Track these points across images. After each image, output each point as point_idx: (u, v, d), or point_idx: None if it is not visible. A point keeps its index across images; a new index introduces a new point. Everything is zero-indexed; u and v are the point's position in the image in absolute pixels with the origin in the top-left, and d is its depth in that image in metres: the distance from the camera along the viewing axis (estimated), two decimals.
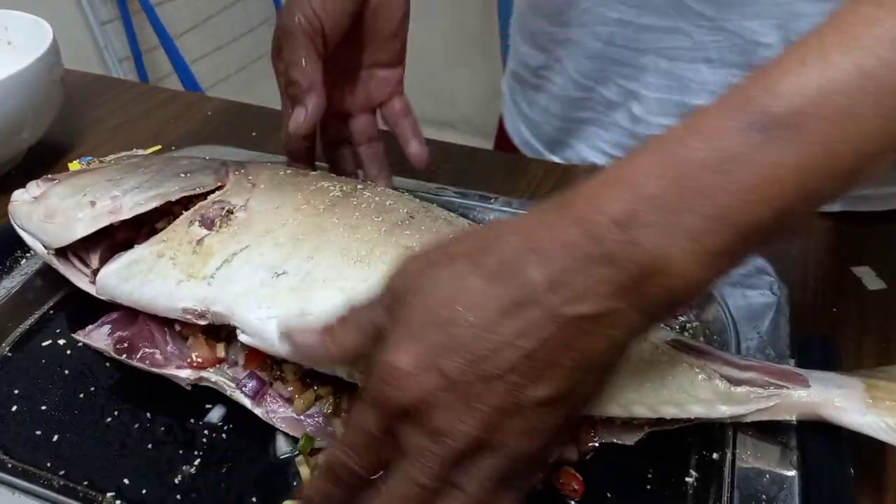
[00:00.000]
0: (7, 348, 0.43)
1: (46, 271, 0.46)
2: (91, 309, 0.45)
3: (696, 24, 0.51)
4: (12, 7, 0.66)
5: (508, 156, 0.64)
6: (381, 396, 0.26)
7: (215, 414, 0.39)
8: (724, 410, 0.34)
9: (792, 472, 0.33)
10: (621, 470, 0.36)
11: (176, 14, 1.65)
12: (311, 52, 0.43)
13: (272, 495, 0.35)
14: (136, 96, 0.73)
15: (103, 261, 0.41)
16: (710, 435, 0.36)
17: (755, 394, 0.34)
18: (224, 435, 0.38)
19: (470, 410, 0.25)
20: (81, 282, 0.42)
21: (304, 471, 0.35)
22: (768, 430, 0.35)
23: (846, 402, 0.33)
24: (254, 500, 0.35)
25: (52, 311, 0.46)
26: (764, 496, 0.33)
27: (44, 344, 0.43)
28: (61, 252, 0.42)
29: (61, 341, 0.43)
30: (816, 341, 0.39)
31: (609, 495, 0.35)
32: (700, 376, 0.35)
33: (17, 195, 0.43)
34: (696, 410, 0.34)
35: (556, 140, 0.63)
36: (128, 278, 0.39)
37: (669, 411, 0.35)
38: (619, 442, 0.36)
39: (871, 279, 0.48)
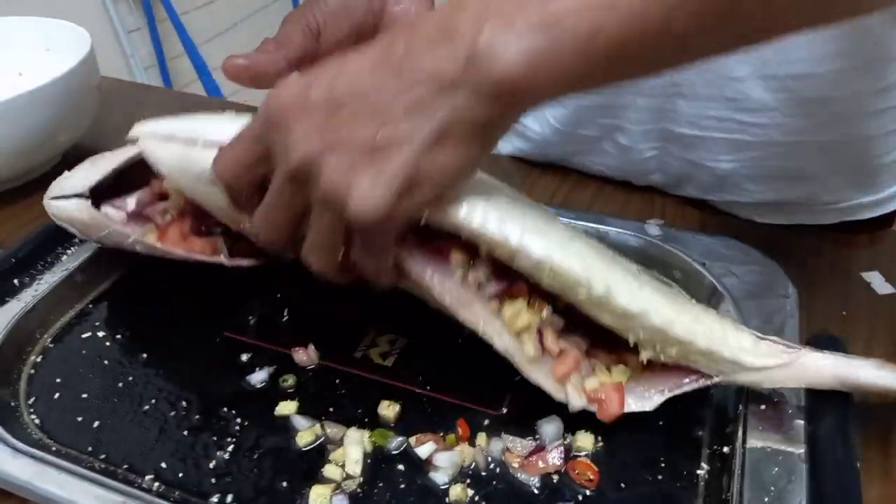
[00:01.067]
0: (49, 339, 0.45)
1: (86, 267, 0.49)
2: (129, 302, 0.47)
3: None
4: (43, 14, 0.69)
5: (525, 164, 0.66)
6: (263, 108, 0.33)
7: (257, 377, 0.42)
8: (749, 362, 0.36)
9: (801, 465, 0.35)
10: (635, 461, 0.37)
11: (199, 22, 1.70)
12: (296, 29, 0.43)
13: (300, 480, 0.37)
14: (166, 102, 0.76)
15: (140, 204, 0.45)
16: (721, 428, 0.38)
17: (778, 350, 0.36)
18: (255, 423, 0.40)
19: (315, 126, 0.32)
20: (116, 222, 0.45)
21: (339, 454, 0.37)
22: (778, 422, 0.37)
23: (861, 360, 0.36)
24: (284, 484, 0.36)
25: (91, 305, 0.48)
26: (773, 487, 0.34)
27: (84, 336, 0.46)
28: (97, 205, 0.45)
29: (100, 333, 0.46)
30: (827, 342, 0.40)
31: (623, 486, 0.36)
32: (731, 325, 0.38)
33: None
34: (725, 355, 0.36)
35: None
36: None
37: (699, 360, 0.37)
38: (639, 409, 0.38)
39: (880, 284, 0.49)
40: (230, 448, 0.38)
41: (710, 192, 0.59)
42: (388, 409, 0.40)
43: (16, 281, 0.47)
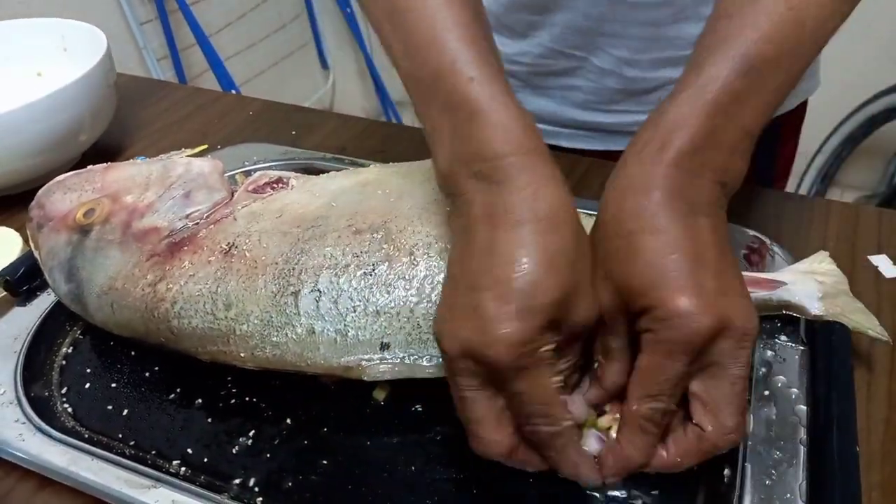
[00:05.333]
0: (79, 332, 0.47)
1: None
2: None
3: None
4: (55, 8, 0.71)
5: None
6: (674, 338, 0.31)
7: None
8: None
9: (801, 449, 0.36)
10: None
11: (209, 13, 1.70)
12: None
13: (312, 463, 0.38)
14: (182, 98, 0.77)
15: None
16: None
17: None
18: (272, 413, 0.41)
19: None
20: None
21: None
22: (780, 408, 0.38)
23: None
24: (293, 471, 0.38)
25: None
26: (774, 471, 0.35)
27: None
28: None
29: None
30: (832, 330, 0.41)
31: None
32: None
33: None
34: None
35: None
36: None
37: None
38: None
39: (887, 267, 0.50)
40: (251, 433, 0.40)
41: None
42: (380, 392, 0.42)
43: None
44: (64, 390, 0.44)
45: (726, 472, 0.36)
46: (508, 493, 0.37)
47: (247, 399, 0.42)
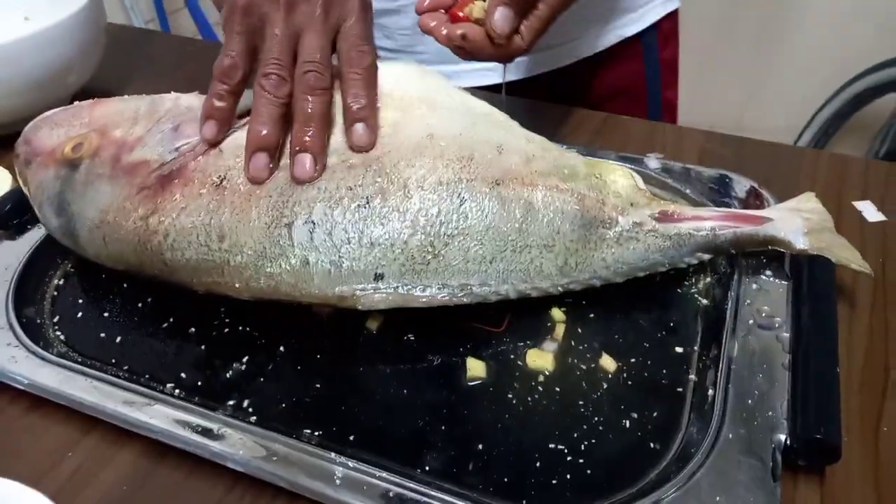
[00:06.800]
0: (69, 265, 0.47)
1: None
2: None
3: None
4: None
5: (528, 100, 0.67)
6: None
7: None
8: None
9: (784, 373, 0.37)
10: (632, 371, 0.39)
11: None
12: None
13: (305, 387, 0.39)
14: (171, 47, 0.76)
15: None
16: (709, 340, 0.40)
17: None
18: (265, 341, 0.42)
19: None
20: None
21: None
22: (764, 334, 0.39)
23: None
24: (286, 394, 0.39)
25: None
26: (756, 391, 0.36)
27: None
28: None
29: None
30: (816, 265, 0.42)
31: (620, 394, 0.38)
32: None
33: None
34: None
35: None
36: None
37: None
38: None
39: (871, 212, 0.51)
40: (245, 358, 0.41)
41: None
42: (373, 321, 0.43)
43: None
44: (56, 319, 0.44)
45: (710, 392, 0.37)
46: (493, 415, 0.37)
47: (240, 329, 0.43)
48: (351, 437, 0.36)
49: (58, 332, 0.43)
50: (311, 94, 0.41)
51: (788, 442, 0.33)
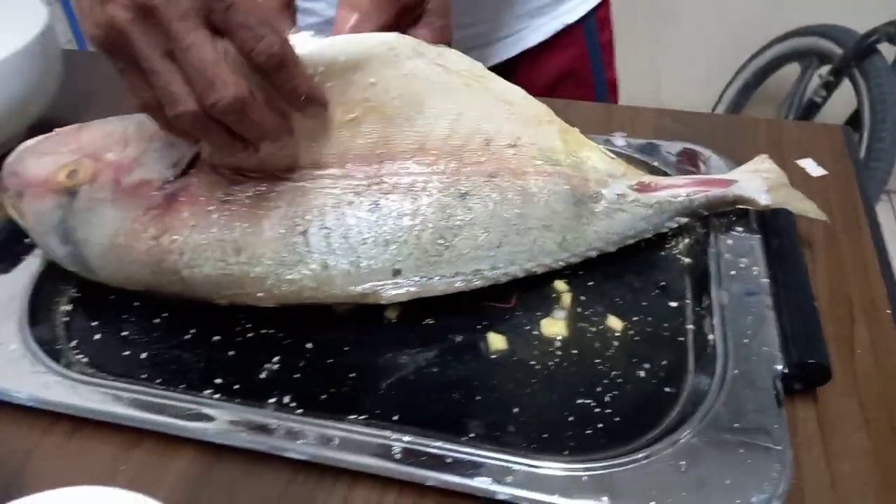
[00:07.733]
0: (73, 290, 0.47)
1: None
2: None
3: None
4: None
5: None
6: None
7: None
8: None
9: (770, 312, 0.42)
10: (634, 328, 0.44)
11: None
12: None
13: (340, 377, 0.41)
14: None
15: None
16: (701, 292, 0.45)
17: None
18: (291, 341, 0.43)
19: None
20: None
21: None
22: (747, 280, 0.44)
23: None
24: (324, 385, 0.41)
25: None
26: (749, 331, 0.41)
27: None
28: None
29: None
30: (779, 218, 0.47)
31: (626, 348, 0.42)
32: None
33: None
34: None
35: None
36: None
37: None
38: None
39: (813, 168, 0.57)
40: (276, 358, 0.42)
41: None
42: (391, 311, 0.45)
43: (27, 240, 0.48)
44: (73, 343, 0.44)
45: (710, 337, 0.41)
46: (520, 381, 0.41)
47: (263, 332, 0.44)
48: (395, 418, 0.38)
49: (79, 356, 0.43)
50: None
51: (786, 370, 0.38)
